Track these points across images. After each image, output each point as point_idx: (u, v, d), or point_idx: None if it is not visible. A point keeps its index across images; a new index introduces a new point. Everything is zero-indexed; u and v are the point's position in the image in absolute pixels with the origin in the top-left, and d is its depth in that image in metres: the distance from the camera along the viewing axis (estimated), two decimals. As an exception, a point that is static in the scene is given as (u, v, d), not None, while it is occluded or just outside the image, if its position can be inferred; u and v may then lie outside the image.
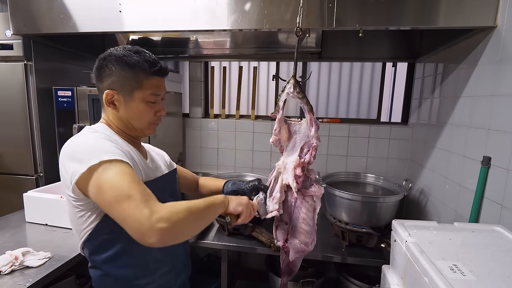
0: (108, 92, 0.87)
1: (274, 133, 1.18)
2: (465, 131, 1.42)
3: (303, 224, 1.19)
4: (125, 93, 0.88)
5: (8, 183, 1.99)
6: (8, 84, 1.89)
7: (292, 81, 1.11)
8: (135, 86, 0.87)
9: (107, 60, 0.87)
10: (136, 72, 0.87)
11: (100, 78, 0.89)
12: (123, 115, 0.90)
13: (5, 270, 1.14)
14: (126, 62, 0.86)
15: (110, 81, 0.87)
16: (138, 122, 0.91)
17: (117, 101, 0.88)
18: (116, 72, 0.86)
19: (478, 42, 1.35)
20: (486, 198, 1.22)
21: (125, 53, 0.86)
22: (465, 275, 0.68)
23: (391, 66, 2.47)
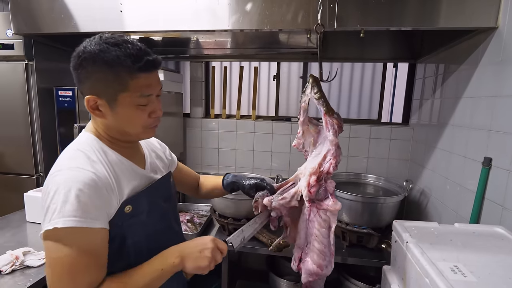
0: (89, 98, 0.73)
1: (297, 137, 1.09)
2: (466, 132, 1.42)
3: (315, 241, 1.04)
4: (109, 98, 0.73)
5: (8, 183, 2.00)
6: (9, 83, 1.89)
7: (311, 80, 1.02)
8: (118, 88, 0.72)
9: (81, 58, 0.72)
10: (118, 72, 0.71)
11: (78, 81, 0.75)
12: (112, 122, 0.77)
13: (5, 270, 1.15)
14: (104, 60, 0.70)
15: (89, 85, 0.73)
16: (131, 128, 0.78)
17: (102, 106, 0.74)
18: (93, 73, 0.72)
19: (479, 43, 1.35)
20: (487, 199, 1.22)
21: (101, 47, 0.70)
22: (466, 276, 0.68)
23: (392, 67, 2.47)
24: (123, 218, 0.76)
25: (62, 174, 0.70)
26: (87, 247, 0.68)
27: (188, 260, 0.78)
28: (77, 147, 0.76)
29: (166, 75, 2.09)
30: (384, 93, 2.34)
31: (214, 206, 1.85)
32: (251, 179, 1.12)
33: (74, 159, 0.73)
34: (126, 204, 0.76)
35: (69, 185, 0.67)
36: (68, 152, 0.76)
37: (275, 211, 1.08)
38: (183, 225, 1.90)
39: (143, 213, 0.81)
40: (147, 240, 0.82)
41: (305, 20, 1.40)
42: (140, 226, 0.80)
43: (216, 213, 1.83)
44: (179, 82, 2.36)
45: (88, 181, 0.68)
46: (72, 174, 0.69)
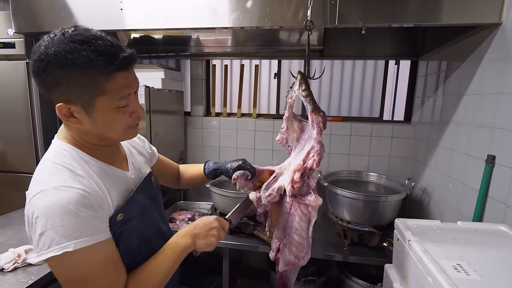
0: (60, 107, 0.65)
1: (281, 131, 1.11)
2: (469, 129, 1.40)
3: (294, 234, 1.08)
4: (85, 104, 0.66)
5: (10, 181, 2.00)
6: (10, 82, 1.89)
7: (299, 77, 1.03)
8: (94, 93, 0.65)
9: (44, 62, 0.63)
10: (92, 75, 0.63)
11: (44, 88, 0.67)
12: (89, 128, 0.70)
13: (8, 268, 1.15)
14: (74, 63, 0.62)
15: (59, 92, 0.65)
16: (112, 132, 0.73)
17: (77, 113, 0.67)
18: (63, 79, 0.63)
19: (482, 39, 1.33)
20: (490, 197, 1.21)
21: (68, 47, 0.61)
22: (469, 275, 0.68)
23: (394, 64, 2.46)
24: (115, 226, 0.75)
25: (49, 195, 0.65)
26: (103, 258, 0.69)
27: (198, 239, 0.84)
28: (56, 161, 0.70)
29: (166, 73, 2.09)
30: (386, 91, 2.33)
31: (215, 204, 1.85)
32: (233, 162, 1.11)
33: (57, 176, 0.67)
34: (118, 213, 0.75)
35: (62, 207, 0.63)
36: (47, 166, 0.70)
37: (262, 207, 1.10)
38: (183, 223, 1.90)
39: (135, 218, 0.80)
40: (138, 243, 0.81)
41: (306, 17, 1.39)
42: (132, 231, 0.79)
43: (217, 211, 1.83)
44: (180, 80, 2.35)
45: (80, 200, 0.65)
46: (62, 195, 0.64)
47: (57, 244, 0.62)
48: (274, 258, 1.18)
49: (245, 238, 1.72)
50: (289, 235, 1.10)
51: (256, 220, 1.75)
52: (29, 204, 0.67)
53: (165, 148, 2.14)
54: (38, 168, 0.72)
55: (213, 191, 1.78)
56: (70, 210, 0.63)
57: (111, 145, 0.80)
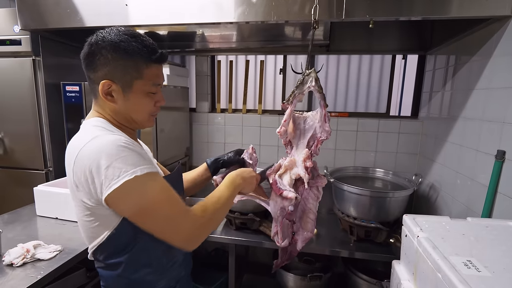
0: (104, 83, 0.78)
1: (283, 124, 1.17)
2: (478, 124, 1.38)
3: (310, 213, 1.21)
4: (124, 84, 0.79)
5: (18, 178, 2.03)
6: (17, 79, 1.91)
7: (314, 74, 1.11)
8: (135, 75, 0.79)
9: (100, 46, 0.77)
10: (136, 61, 0.78)
11: (93, 67, 0.79)
12: (122, 107, 0.82)
13: (17, 263, 1.16)
14: (124, 49, 0.76)
15: (106, 71, 0.77)
16: (139, 115, 0.84)
17: (115, 92, 0.79)
18: (113, 60, 0.77)
19: (493, 32, 1.30)
20: (500, 193, 1.19)
21: (121, 38, 0.77)
22: (480, 271, 0.66)
23: (401, 59, 2.42)
24: None
25: (102, 139, 0.74)
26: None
27: (245, 181, 1.01)
28: (93, 125, 0.80)
29: (172, 69, 2.09)
30: (393, 86, 2.30)
31: (221, 201, 1.85)
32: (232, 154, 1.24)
33: (99, 130, 0.78)
34: None
35: (113, 144, 0.72)
36: (89, 129, 0.80)
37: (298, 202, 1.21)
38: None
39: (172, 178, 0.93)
40: None
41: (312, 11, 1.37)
42: None
43: (223, 207, 1.83)
44: (185, 76, 2.35)
45: (124, 140, 0.75)
46: (113, 137, 0.75)
47: (126, 171, 0.70)
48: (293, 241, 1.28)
49: (251, 234, 1.72)
50: (302, 217, 1.24)
51: (262, 216, 1.75)
52: (81, 152, 0.74)
53: (170, 145, 2.14)
54: (79, 133, 0.81)
55: (219, 187, 1.78)
56: (125, 146, 0.73)
57: (133, 129, 0.90)
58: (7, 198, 2.05)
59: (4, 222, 1.57)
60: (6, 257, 1.18)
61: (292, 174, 1.15)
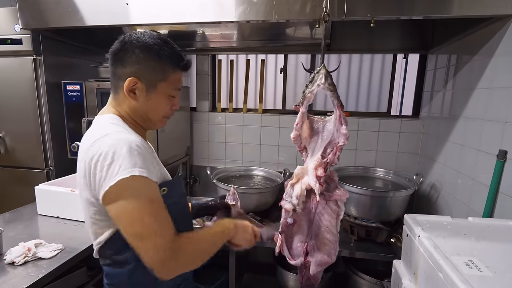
0: (131, 80, 0.81)
1: (295, 128, 1.05)
2: (480, 124, 1.38)
3: (326, 233, 1.04)
4: (149, 83, 0.83)
5: (19, 177, 2.03)
6: (18, 78, 1.91)
7: (323, 71, 0.99)
8: (160, 77, 0.84)
9: (134, 45, 0.81)
10: (164, 64, 0.83)
11: (122, 63, 0.83)
12: (141, 106, 0.85)
13: (18, 261, 1.17)
14: (156, 52, 0.82)
15: (136, 69, 0.82)
16: (154, 115, 0.88)
17: (139, 90, 0.83)
18: (143, 60, 0.81)
19: (495, 31, 1.30)
20: (501, 193, 1.19)
21: (155, 41, 0.82)
22: (481, 271, 0.66)
23: (402, 58, 2.42)
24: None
25: (112, 136, 0.77)
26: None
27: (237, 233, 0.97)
28: (109, 121, 0.83)
29: (172, 68, 2.08)
30: (394, 85, 2.29)
31: (221, 200, 1.85)
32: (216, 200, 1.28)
33: (115, 127, 0.81)
34: (162, 186, 0.83)
35: (126, 143, 0.74)
36: (103, 123, 0.83)
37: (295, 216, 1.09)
38: (191, 219, 1.91)
39: (174, 198, 0.87)
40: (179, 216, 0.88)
41: (313, 10, 1.37)
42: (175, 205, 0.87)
43: (223, 206, 1.83)
44: (186, 75, 2.35)
45: (139, 143, 0.77)
46: (123, 136, 0.77)
47: (125, 169, 0.72)
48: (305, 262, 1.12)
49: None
50: (317, 236, 1.08)
51: (262, 215, 1.76)
52: (94, 145, 0.76)
53: (171, 144, 2.14)
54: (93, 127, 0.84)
55: (220, 187, 1.78)
56: (135, 147, 0.75)
57: (145, 128, 0.93)
58: (8, 197, 2.06)
59: (5, 221, 1.57)
60: (7, 255, 1.19)
61: (303, 184, 1.03)
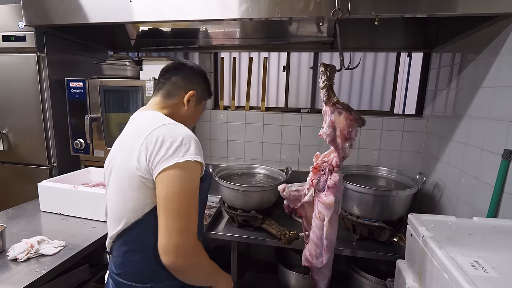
0: (193, 93, 1.05)
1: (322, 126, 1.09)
2: (484, 123, 1.37)
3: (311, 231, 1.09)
4: (197, 100, 1.09)
5: (22, 173, 2.04)
6: (21, 75, 1.91)
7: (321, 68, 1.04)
8: (204, 97, 1.13)
9: (203, 74, 1.12)
10: (207, 91, 1.14)
11: (190, 80, 1.07)
12: (188, 113, 1.06)
13: (21, 258, 1.17)
14: (208, 83, 1.14)
15: (197, 86, 1.08)
16: (190, 122, 1.09)
17: (192, 101, 1.06)
18: (203, 84, 1.11)
19: (501, 29, 1.28)
20: (506, 193, 1.18)
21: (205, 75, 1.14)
22: (487, 272, 0.66)
23: (406, 56, 2.40)
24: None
25: (183, 128, 0.92)
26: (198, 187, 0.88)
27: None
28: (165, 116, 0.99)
29: (175, 66, 2.07)
30: (397, 84, 2.28)
31: (223, 198, 1.85)
32: None
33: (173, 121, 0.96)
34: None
35: (192, 135, 0.90)
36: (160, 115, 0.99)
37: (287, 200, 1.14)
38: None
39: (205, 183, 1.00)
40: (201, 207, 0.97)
41: (317, 7, 1.36)
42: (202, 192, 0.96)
43: (225, 204, 1.83)
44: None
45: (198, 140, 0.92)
46: (189, 131, 0.92)
47: (191, 154, 0.85)
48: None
49: (254, 232, 1.72)
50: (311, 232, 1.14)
51: (264, 213, 1.75)
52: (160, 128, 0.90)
53: (173, 141, 2.14)
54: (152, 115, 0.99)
55: (222, 184, 1.78)
56: (197, 140, 0.91)
57: None
58: (11, 193, 2.06)
59: (8, 217, 1.58)
60: (10, 252, 1.19)
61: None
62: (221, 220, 1.89)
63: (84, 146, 2.00)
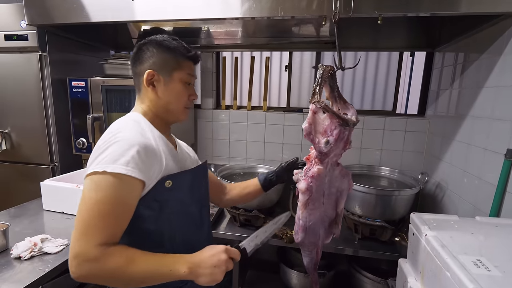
0: (149, 72, 0.90)
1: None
2: (487, 123, 1.36)
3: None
4: (165, 73, 0.91)
5: (25, 172, 2.05)
6: (23, 74, 1.92)
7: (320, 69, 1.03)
8: (174, 66, 0.91)
9: (147, 44, 0.92)
10: (175, 55, 0.92)
11: (140, 61, 0.92)
12: (161, 96, 0.92)
13: (25, 256, 1.18)
14: (167, 46, 0.91)
15: (151, 62, 0.91)
16: (175, 105, 0.93)
17: (157, 81, 0.91)
18: (157, 54, 0.91)
19: (505, 29, 1.28)
20: (509, 193, 1.18)
21: (164, 38, 0.93)
22: (490, 271, 0.66)
23: (409, 56, 2.39)
24: (163, 191, 0.84)
25: (124, 132, 0.81)
26: (119, 197, 0.75)
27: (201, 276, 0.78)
28: (130, 118, 0.89)
29: (177, 65, 2.08)
30: (400, 83, 2.27)
31: (225, 197, 1.85)
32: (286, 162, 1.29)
33: (131, 125, 0.85)
34: (167, 179, 0.84)
35: (130, 143, 0.77)
36: (122, 121, 0.88)
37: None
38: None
39: (183, 192, 0.90)
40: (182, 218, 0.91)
41: (320, 6, 1.36)
42: (177, 203, 0.89)
43: (227, 204, 1.83)
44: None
45: (144, 145, 0.79)
46: (132, 135, 0.80)
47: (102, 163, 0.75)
48: None
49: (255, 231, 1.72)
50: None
51: (266, 213, 1.75)
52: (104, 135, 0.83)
53: (175, 141, 2.14)
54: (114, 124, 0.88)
55: (224, 184, 1.78)
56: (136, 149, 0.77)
57: (168, 122, 0.98)
58: (14, 192, 2.07)
59: (11, 216, 1.58)
60: (14, 250, 1.20)
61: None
62: (223, 220, 1.89)
63: (86, 146, 2.01)
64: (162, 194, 0.84)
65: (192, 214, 0.96)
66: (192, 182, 0.94)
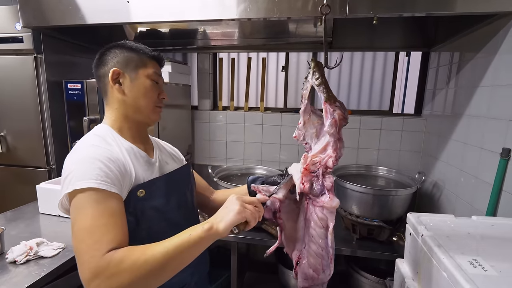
0: (114, 70, 0.87)
1: (298, 127, 1.00)
2: (483, 122, 1.37)
3: (311, 242, 0.93)
4: (130, 71, 0.89)
5: (21, 175, 2.03)
6: (19, 77, 1.91)
7: (313, 64, 0.91)
8: (139, 64, 0.90)
9: (110, 47, 0.91)
10: (139, 54, 0.91)
11: (104, 63, 0.90)
12: (129, 94, 0.88)
13: (20, 260, 1.17)
14: (129, 46, 0.91)
15: (115, 62, 0.89)
16: (143, 101, 0.89)
17: (123, 78, 0.89)
18: (120, 53, 0.90)
19: (499, 28, 1.29)
20: (505, 191, 1.18)
21: (126, 41, 0.93)
22: (486, 270, 0.66)
23: (405, 56, 2.40)
24: (136, 201, 0.81)
25: (80, 152, 0.79)
26: (104, 209, 0.71)
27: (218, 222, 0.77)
28: (94, 133, 0.87)
29: (174, 66, 2.08)
30: (396, 83, 2.28)
31: (223, 198, 1.85)
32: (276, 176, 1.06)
33: (91, 140, 0.83)
34: (139, 188, 0.81)
35: (87, 159, 0.75)
36: (86, 137, 0.86)
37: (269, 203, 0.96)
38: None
39: (158, 199, 0.86)
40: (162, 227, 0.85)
41: (315, 7, 1.36)
42: (155, 212, 0.85)
43: (225, 205, 1.83)
44: (187, 74, 2.34)
45: (104, 155, 0.77)
46: (90, 150, 0.79)
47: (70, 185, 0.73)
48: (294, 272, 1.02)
49: (253, 232, 1.72)
50: (307, 245, 0.96)
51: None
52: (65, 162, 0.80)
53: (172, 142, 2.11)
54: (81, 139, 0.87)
55: (221, 185, 1.78)
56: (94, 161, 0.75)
57: (140, 124, 0.93)
58: (10, 195, 2.06)
59: (7, 219, 1.57)
60: (9, 254, 1.19)
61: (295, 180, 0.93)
62: (221, 221, 1.88)
63: (82, 148, 2.00)
64: (136, 204, 0.81)
65: (174, 220, 0.90)
66: (168, 188, 0.89)
